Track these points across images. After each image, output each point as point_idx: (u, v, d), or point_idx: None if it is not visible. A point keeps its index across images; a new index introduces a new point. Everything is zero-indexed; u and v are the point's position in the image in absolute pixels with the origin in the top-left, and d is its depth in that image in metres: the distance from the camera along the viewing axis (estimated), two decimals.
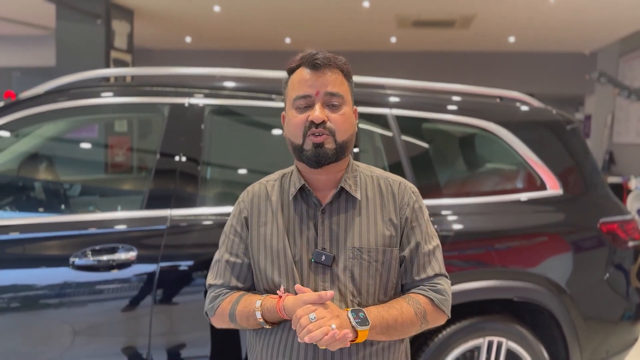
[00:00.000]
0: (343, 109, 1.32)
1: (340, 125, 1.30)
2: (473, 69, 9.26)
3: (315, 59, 1.30)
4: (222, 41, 9.05)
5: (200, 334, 1.96)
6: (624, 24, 6.99)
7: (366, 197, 1.38)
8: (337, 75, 1.32)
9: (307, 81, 1.30)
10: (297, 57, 1.35)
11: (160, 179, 2.09)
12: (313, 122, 1.28)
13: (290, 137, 1.34)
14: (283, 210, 1.38)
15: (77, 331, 1.92)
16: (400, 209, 1.38)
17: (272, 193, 1.41)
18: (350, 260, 1.32)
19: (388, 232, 1.36)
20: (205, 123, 2.16)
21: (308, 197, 1.38)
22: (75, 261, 1.91)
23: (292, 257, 1.34)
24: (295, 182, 1.38)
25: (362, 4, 6.39)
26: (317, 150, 1.28)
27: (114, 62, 6.65)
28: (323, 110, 1.29)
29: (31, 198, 2.67)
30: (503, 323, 2.21)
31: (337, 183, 1.36)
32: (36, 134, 2.50)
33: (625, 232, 2.35)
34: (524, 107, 2.51)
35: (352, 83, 1.39)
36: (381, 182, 1.41)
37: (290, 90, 1.34)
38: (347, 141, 1.33)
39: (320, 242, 1.34)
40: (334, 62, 1.32)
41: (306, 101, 1.30)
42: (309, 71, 1.31)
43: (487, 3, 6.19)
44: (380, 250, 1.33)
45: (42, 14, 6.99)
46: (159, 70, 2.41)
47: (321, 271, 1.33)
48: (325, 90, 1.29)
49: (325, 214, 1.35)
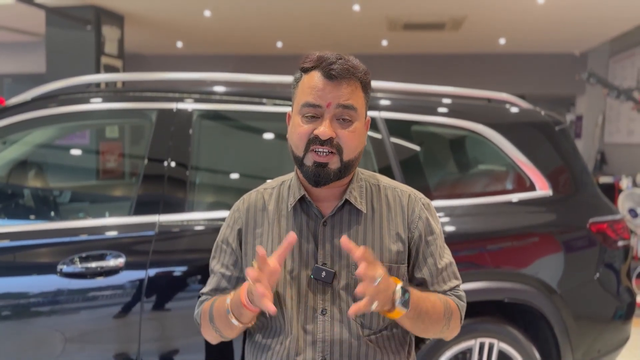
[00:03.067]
0: (354, 125, 1.19)
1: (349, 143, 1.19)
2: (464, 71, 9.29)
3: (332, 69, 1.17)
4: (213, 46, 9.04)
5: (191, 340, 1.95)
6: (613, 25, 7.03)
7: (372, 209, 1.28)
8: (355, 87, 1.20)
9: (319, 90, 1.17)
10: (313, 56, 1.21)
11: (149, 185, 2.09)
12: (318, 137, 1.17)
13: (292, 145, 1.23)
14: (280, 221, 1.28)
15: (67, 339, 1.90)
16: (410, 223, 1.28)
17: (270, 202, 1.31)
18: (353, 278, 1.21)
19: (395, 247, 1.26)
20: (193, 128, 2.16)
21: (309, 207, 1.27)
22: (63, 268, 1.89)
23: (289, 273, 1.24)
24: (295, 192, 1.27)
25: (352, 8, 6.39)
26: (317, 169, 1.18)
27: (104, 68, 6.63)
28: (331, 126, 1.17)
29: (20, 205, 2.65)
30: (495, 324, 2.22)
31: (340, 194, 1.26)
32: (25, 141, 2.49)
33: (615, 232, 2.36)
34: (513, 108, 2.52)
35: (370, 93, 1.27)
36: (389, 193, 1.31)
37: (300, 93, 1.21)
38: (354, 159, 1.22)
39: (321, 257, 1.24)
40: (352, 74, 1.19)
41: (315, 111, 1.18)
42: (323, 79, 1.18)
43: (477, 5, 6.21)
44: (386, 267, 1.18)
45: (32, 21, 6.96)
46: (148, 75, 2.40)
47: (321, 289, 1.23)
48: (337, 102, 1.17)
49: (326, 226, 1.25)
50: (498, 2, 6.07)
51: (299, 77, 1.24)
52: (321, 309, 1.24)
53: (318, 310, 1.24)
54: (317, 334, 1.23)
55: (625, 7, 6.09)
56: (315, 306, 1.24)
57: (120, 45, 6.97)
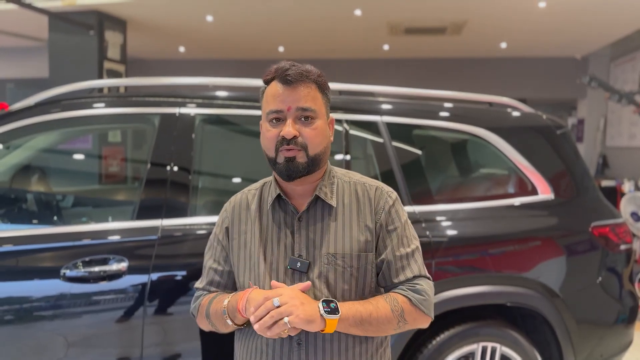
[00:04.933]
0: (315, 123, 1.32)
1: (312, 140, 1.31)
2: (465, 75, 9.30)
3: (287, 75, 1.30)
4: (215, 50, 9.07)
5: (193, 344, 1.96)
6: (614, 29, 7.04)
7: (342, 204, 1.39)
8: (310, 89, 1.32)
9: (279, 96, 1.30)
10: (271, 69, 1.35)
11: (151, 189, 2.09)
12: (284, 138, 1.29)
13: (265, 149, 1.35)
14: (262, 218, 1.41)
15: (70, 343, 1.91)
16: (375, 214, 1.39)
17: (252, 202, 1.44)
18: (325, 266, 1.33)
19: (363, 237, 1.36)
20: (196, 132, 2.17)
21: (285, 205, 1.39)
22: (67, 273, 1.90)
23: (269, 264, 1.36)
24: (272, 192, 1.40)
25: (354, 12, 6.41)
26: (288, 164, 1.30)
27: (107, 73, 6.65)
28: (294, 125, 1.29)
29: (23, 210, 2.66)
30: (497, 328, 2.21)
31: (313, 191, 1.38)
32: (28, 146, 2.50)
33: (617, 236, 2.36)
34: (515, 112, 2.52)
35: (328, 94, 1.39)
36: (358, 188, 1.42)
37: (265, 103, 1.35)
38: (320, 154, 1.33)
39: (297, 249, 1.35)
40: (306, 77, 1.31)
41: (278, 115, 1.31)
42: (281, 86, 1.31)
43: (478, 9, 6.23)
44: (355, 256, 1.34)
45: (35, 26, 6.99)
46: (151, 80, 2.41)
47: (297, 278, 1.34)
48: (297, 106, 1.30)
49: (302, 221, 1.37)
50: (499, 6, 6.08)
51: (263, 89, 1.38)
52: None
53: None
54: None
55: (626, 11, 6.10)
56: None
57: (122, 50, 6.99)
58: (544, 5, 5.90)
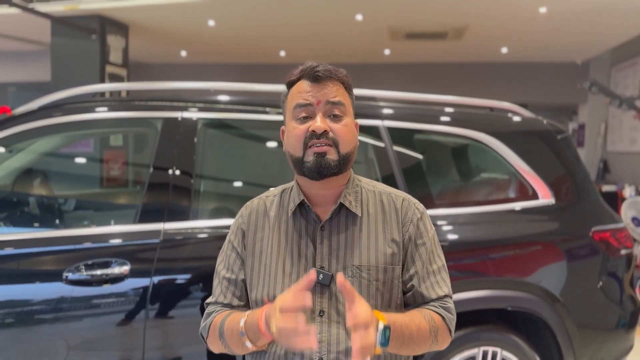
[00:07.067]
0: (345, 120, 1.27)
1: (343, 136, 1.25)
2: (466, 80, 9.31)
3: (317, 71, 1.26)
4: (217, 55, 9.09)
5: (195, 347, 1.96)
6: (615, 34, 7.05)
7: (367, 213, 1.32)
8: (339, 87, 1.28)
9: (307, 92, 1.26)
10: (297, 70, 1.30)
11: (153, 193, 2.10)
12: (314, 133, 1.22)
13: (290, 150, 1.28)
14: (281, 226, 1.33)
15: (71, 346, 1.91)
16: (403, 226, 1.32)
17: (271, 208, 1.36)
18: (349, 279, 1.25)
19: (390, 249, 1.29)
20: (198, 136, 2.18)
21: (307, 213, 1.32)
22: (69, 276, 1.91)
23: (287, 275, 1.28)
24: (294, 198, 1.32)
25: (355, 17, 6.43)
26: (318, 159, 1.22)
27: (109, 77, 6.67)
28: (325, 120, 1.24)
29: (25, 213, 2.67)
30: (498, 332, 2.21)
31: (337, 198, 1.30)
32: (30, 149, 2.51)
33: (617, 240, 2.36)
34: (516, 117, 2.53)
35: (353, 96, 1.34)
36: (384, 198, 1.35)
37: (290, 101, 1.29)
38: (350, 153, 1.27)
39: (319, 260, 1.27)
40: (335, 74, 1.28)
41: (307, 110, 1.25)
42: (309, 83, 1.26)
43: (479, 14, 6.25)
44: (381, 269, 1.26)
45: (37, 30, 7.02)
46: (153, 84, 2.42)
47: (319, 290, 1.25)
48: (327, 99, 1.25)
49: (324, 230, 1.29)
50: (500, 11, 6.10)
51: (286, 93, 1.33)
52: (319, 310, 1.26)
53: (316, 312, 1.26)
54: (315, 335, 1.25)
55: (627, 17, 6.12)
56: (313, 307, 1.25)
57: (124, 54, 7.02)
58: (544, 10, 5.92)
